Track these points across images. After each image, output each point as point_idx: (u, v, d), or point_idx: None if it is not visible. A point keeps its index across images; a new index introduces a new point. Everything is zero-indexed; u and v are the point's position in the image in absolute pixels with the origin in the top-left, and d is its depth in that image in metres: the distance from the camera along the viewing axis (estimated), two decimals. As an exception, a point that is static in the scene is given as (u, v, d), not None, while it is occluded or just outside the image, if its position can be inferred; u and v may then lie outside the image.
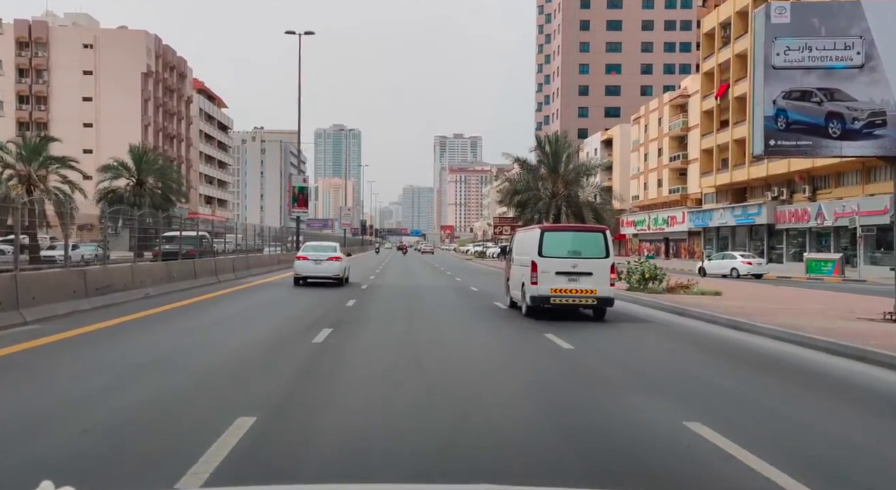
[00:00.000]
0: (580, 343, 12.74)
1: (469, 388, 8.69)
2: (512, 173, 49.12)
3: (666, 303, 20.04)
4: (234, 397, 7.92)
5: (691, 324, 16.60)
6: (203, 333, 13.88)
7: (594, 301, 16.32)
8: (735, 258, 44.77)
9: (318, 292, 25.08)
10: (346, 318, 16.80)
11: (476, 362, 10.91)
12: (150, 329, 14.00)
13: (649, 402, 8.13)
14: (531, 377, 9.85)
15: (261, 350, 11.51)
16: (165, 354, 10.96)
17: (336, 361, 10.58)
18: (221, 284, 26.94)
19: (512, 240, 22.04)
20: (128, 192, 60.38)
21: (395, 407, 7.54)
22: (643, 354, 12.15)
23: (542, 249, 16.40)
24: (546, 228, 17.87)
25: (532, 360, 11.37)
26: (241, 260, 32.82)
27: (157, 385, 8.59)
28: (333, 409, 7.55)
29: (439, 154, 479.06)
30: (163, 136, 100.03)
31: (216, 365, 10.21)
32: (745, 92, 58.78)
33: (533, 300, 16.39)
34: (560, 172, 43.08)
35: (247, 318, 17.03)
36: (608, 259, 16.49)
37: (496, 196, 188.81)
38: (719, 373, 10.39)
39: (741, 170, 60.98)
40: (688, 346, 13.23)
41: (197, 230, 33.04)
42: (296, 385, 8.76)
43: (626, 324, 16.25)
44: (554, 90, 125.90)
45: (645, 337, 14.40)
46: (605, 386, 9.07)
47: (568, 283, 16.08)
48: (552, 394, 8.66)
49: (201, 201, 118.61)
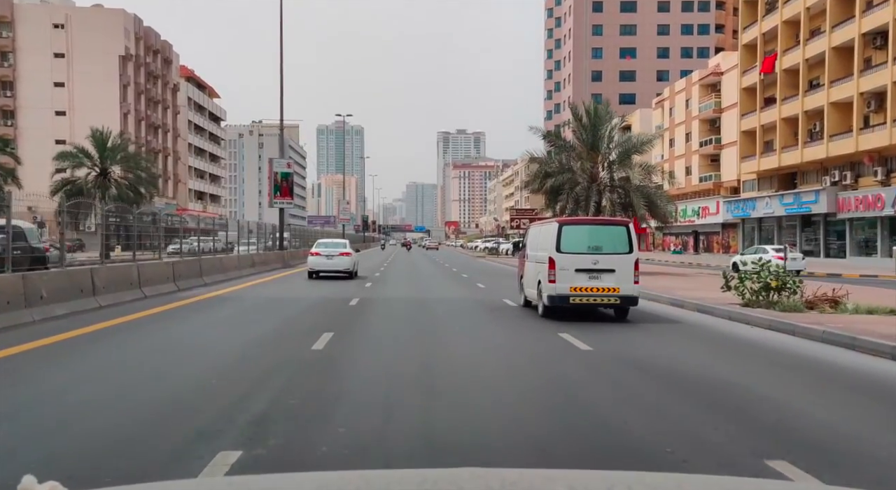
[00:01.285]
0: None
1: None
2: (521, 163, 40.45)
3: (841, 333, 11.63)
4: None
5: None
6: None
7: (617, 300, 15.06)
8: (766, 252, 37.44)
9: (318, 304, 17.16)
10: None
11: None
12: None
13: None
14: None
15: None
16: None
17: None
18: (132, 306, 17.69)
19: (525, 235, 20.27)
20: (89, 183, 52.16)
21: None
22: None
23: (560, 245, 15.09)
24: (564, 222, 16.25)
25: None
26: (188, 266, 24.17)
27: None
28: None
29: (442, 150, 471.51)
30: (146, 126, 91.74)
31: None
32: (798, 62, 50.29)
33: (551, 300, 15.14)
34: (601, 150, 34.64)
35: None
36: (632, 254, 15.19)
37: (503, 190, 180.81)
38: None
39: (792, 152, 52.43)
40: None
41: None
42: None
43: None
44: (565, 76, 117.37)
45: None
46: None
47: (589, 281, 14.89)
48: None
49: (191, 197, 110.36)
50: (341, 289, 24.35)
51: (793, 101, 51.85)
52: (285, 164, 41.40)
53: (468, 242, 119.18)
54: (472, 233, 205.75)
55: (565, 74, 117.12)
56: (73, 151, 52.43)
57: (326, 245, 31.44)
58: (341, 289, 24.35)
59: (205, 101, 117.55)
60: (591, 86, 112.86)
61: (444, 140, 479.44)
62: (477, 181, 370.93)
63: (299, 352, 10.70)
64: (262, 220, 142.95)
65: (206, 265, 25.19)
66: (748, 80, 58.69)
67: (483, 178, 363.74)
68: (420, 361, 10.02)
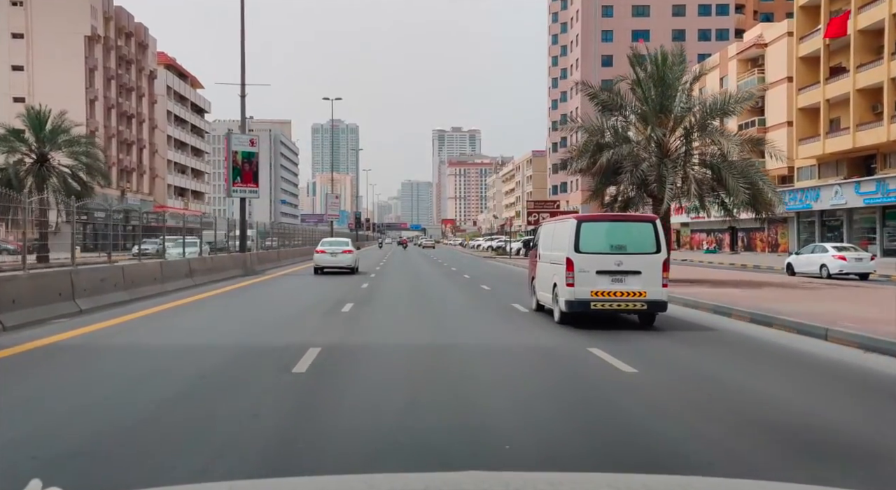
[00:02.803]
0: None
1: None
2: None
3: None
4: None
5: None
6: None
7: (644, 305, 13.20)
8: (826, 251, 31.98)
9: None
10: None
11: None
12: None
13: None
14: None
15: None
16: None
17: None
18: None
19: (537, 232, 17.73)
20: (23, 170, 42.33)
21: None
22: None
23: (578, 244, 13.27)
24: (583, 218, 14.13)
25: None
26: (48, 282, 14.22)
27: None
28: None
29: (438, 148, 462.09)
30: (117, 115, 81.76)
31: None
32: (882, 19, 40.55)
33: (569, 306, 13.28)
34: (673, 111, 24.82)
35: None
36: (660, 254, 13.30)
37: (503, 186, 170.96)
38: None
39: (871, 130, 42.79)
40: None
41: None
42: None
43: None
44: (573, 61, 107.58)
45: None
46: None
47: (611, 284, 13.11)
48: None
49: (171, 193, 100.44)
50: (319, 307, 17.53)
51: (872, 67, 42.20)
52: (248, 141, 31.65)
53: (469, 240, 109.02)
54: (470, 231, 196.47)
55: (572, 60, 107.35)
56: (2, 133, 42.57)
57: (331, 243, 33.34)
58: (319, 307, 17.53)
59: (186, 90, 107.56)
60: (601, 71, 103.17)
61: (439, 138, 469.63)
62: (473, 178, 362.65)
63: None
64: (251, 218, 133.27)
65: (84, 280, 15.25)
66: (807, 48, 49.02)
67: (479, 176, 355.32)
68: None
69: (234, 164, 30.76)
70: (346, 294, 21.32)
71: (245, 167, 30.91)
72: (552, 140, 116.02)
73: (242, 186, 31.16)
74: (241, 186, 31.14)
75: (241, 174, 30.88)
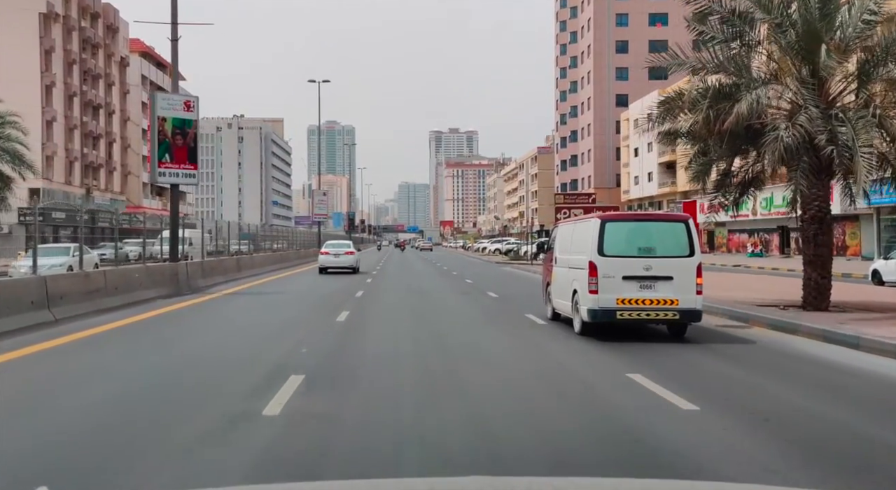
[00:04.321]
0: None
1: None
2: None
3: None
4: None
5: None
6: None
7: (676, 315, 11.83)
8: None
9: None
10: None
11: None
12: None
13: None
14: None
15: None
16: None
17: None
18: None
19: (553, 234, 16.18)
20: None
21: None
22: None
23: (602, 246, 11.91)
24: (607, 218, 12.71)
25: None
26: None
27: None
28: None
29: (435, 149, 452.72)
30: (80, 104, 72.12)
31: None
32: None
33: (593, 315, 11.89)
34: (834, 36, 14.47)
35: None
36: (693, 258, 11.92)
37: (505, 185, 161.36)
38: None
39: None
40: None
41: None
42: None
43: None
44: (583, 49, 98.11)
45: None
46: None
47: (640, 291, 11.74)
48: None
49: (147, 192, 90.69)
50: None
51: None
52: (181, 104, 21.60)
53: (473, 242, 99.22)
54: (471, 232, 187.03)
55: (583, 47, 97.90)
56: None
57: (334, 246, 35.93)
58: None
59: (166, 81, 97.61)
60: (615, 58, 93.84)
61: (436, 139, 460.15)
62: (471, 180, 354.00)
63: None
64: (241, 220, 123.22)
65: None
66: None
67: (477, 177, 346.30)
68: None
69: (160, 136, 20.97)
70: (314, 330, 13.76)
71: (177, 140, 21.12)
72: (561, 135, 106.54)
73: (173, 167, 21.38)
74: (172, 167, 21.35)
75: (171, 150, 21.13)
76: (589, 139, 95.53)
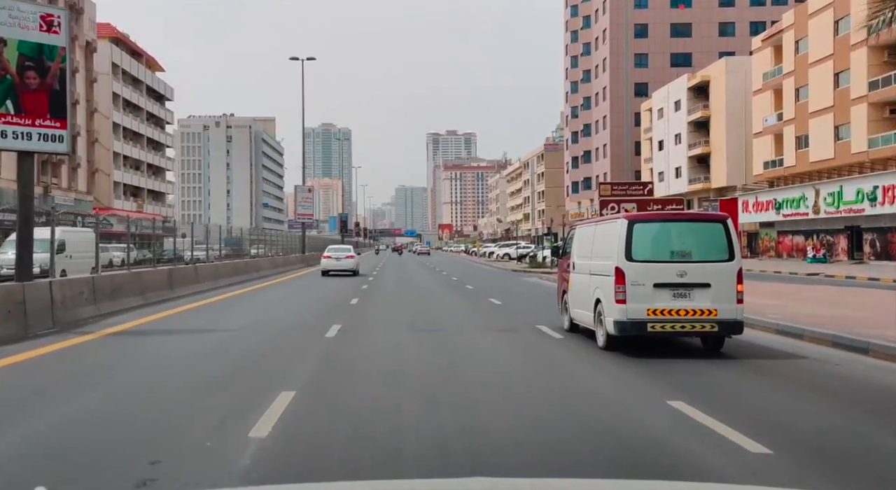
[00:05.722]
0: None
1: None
2: None
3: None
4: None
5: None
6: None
7: (714, 327, 10.50)
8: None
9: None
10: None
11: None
12: None
13: None
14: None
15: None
16: None
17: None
18: None
19: (569, 236, 14.39)
20: None
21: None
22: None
23: (630, 250, 10.61)
24: (635, 218, 11.24)
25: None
26: None
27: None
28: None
29: (432, 152, 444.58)
30: (35, 92, 63.02)
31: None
32: None
33: (620, 328, 10.54)
34: None
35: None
36: (733, 262, 10.66)
37: (508, 186, 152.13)
38: None
39: None
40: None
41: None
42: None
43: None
44: (598, 34, 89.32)
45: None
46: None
47: (673, 300, 10.46)
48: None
49: (119, 193, 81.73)
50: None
51: None
52: (35, 19, 12.31)
53: (479, 247, 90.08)
54: (473, 235, 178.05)
55: (598, 32, 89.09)
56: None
57: (336, 250, 37.24)
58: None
59: (142, 72, 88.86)
60: (633, 43, 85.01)
61: (433, 142, 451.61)
62: (469, 182, 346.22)
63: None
64: (230, 223, 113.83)
65: None
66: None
67: (476, 180, 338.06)
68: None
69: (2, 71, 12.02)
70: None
71: (29, 79, 12.20)
72: (572, 129, 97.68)
73: (21, 124, 12.12)
74: (19, 124, 12.06)
75: (18, 95, 12.08)
76: (604, 133, 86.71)
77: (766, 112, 55.34)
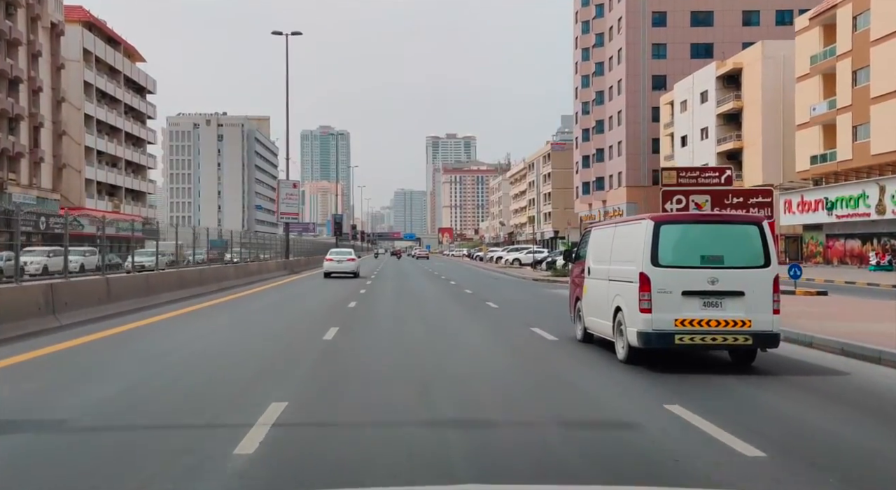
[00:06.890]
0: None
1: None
2: None
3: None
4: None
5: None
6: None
7: (748, 339, 9.36)
8: None
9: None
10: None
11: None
12: None
13: None
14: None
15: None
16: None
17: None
18: None
19: (584, 239, 12.94)
20: None
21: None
22: None
23: (657, 254, 9.51)
24: (661, 219, 10.03)
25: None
26: None
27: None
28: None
29: (431, 155, 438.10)
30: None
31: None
32: None
33: (646, 339, 9.41)
34: None
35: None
36: (769, 268, 9.55)
37: (511, 188, 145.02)
38: None
39: None
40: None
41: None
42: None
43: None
44: (612, 24, 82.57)
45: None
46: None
47: (703, 309, 9.38)
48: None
49: (93, 191, 74.86)
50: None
51: None
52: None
53: (486, 251, 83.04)
54: (475, 239, 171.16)
55: (612, 21, 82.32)
56: None
57: (337, 253, 39.24)
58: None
59: (119, 61, 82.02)
60: (651, 33, 78.22)
61: (433, 145, 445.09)
62: (469, 186, 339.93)
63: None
64: (220, 225, 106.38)
65: None
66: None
67: (476, 183, 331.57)
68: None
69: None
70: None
71: None
72: (583, 126, 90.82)
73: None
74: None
75: None
76: (619, 129, 79.89)
77: (812, 100, 48.50)
